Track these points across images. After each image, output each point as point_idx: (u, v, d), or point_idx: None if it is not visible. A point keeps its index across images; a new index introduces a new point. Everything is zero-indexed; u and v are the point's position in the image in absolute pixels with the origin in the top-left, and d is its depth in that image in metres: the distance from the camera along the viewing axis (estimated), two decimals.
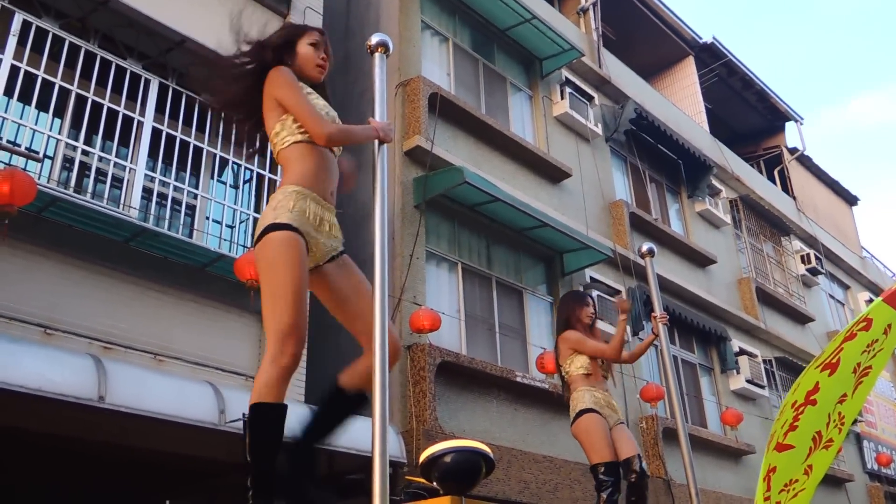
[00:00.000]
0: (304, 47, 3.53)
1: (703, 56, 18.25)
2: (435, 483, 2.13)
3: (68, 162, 6.88)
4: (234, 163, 7.90)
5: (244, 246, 7.81)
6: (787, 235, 18.40)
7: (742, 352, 14.39)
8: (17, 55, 6.43)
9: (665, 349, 5.48)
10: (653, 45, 17.48)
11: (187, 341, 7.14)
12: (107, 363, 5.93)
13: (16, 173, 5.53)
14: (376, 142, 3.14)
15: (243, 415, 3.01)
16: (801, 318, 17.19)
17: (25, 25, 6.54)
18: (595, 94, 13.51)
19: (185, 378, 6.74)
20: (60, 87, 6.65)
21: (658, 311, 5.46)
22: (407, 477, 2.89)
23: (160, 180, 7.23)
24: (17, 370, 5.31)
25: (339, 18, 11.19)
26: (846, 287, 20.75)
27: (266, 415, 2.94)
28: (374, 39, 3.23)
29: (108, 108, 6.92)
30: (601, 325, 6.87)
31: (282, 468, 3.02)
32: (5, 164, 6.09)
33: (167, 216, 7.31)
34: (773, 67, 78.39)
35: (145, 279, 7.02)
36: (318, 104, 3.36)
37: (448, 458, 2.12)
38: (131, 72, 7.20)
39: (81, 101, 6.83)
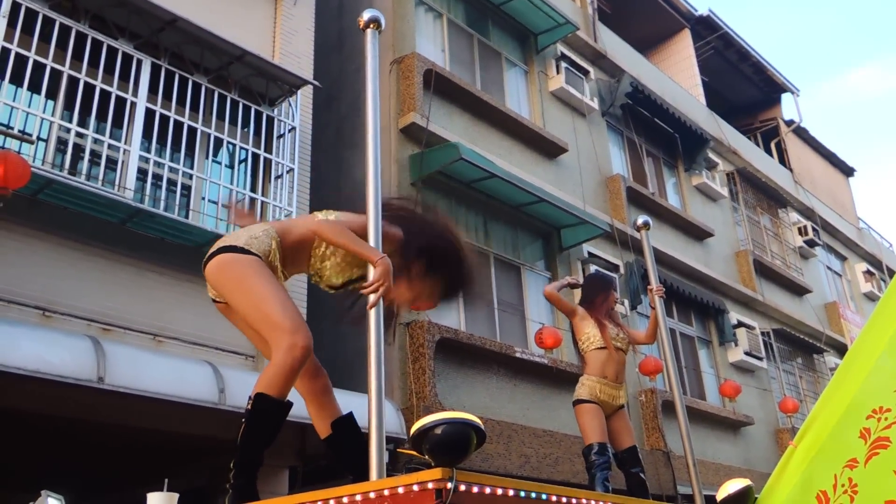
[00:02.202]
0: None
1: (699, 29, 18.15)
2: (426, 455, 2.13)
3: (62, 144, 6.85)
4: (229, 143, 7.87)
5: (241, 226, 7.79)
6: (785, 207, 18.40)
7: (740, 324, 14.44)
8: (8, 37, 6.38)
9: (662, 322, 5.48)
10: (648, 18, 17.38)
11: (186, 321, 7.15)
12: (105, 344, 5.95)
13: (9, 156, 5.51)
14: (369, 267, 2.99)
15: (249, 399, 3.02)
16: (798, 290, 17.23)
17: (15, 6, 6.49)
18: (591, 69, 13.45)
19: (184, 358, 6.77)
20: (52, 68, 6.61)
21: (654, 283, 5.46)
22: (399, 450, 2.92)
23: (155, 161, 7.21)
24: (15, 352, 5.32)
25: None
26: (843, 258, 20.78)
27: (266, 408, 2.96)
28: (367, 15, 3.21)
29: (101, 88, 6.88)
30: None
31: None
32: None
33: (163, 197, 7.29)
34: (770, 39, 78.06)
35: (143, 260, 7.02)
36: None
37: (438, 430, 2.11)
38: (123, 52, 7.15)
39: (73, 82, 6.79)
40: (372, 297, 2.86)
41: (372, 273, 2.92)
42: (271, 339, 3.02)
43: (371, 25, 3.19)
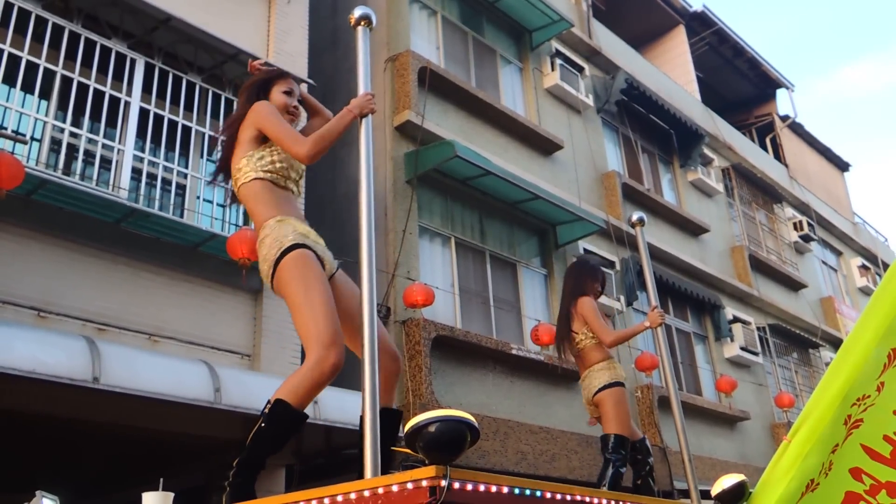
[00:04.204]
0: (277, 94, 3.62)
1: (694, 25, 18.16)
2: (420, 453, 2.13)
3: (56, 144, 6.83)
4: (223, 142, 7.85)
5: (236, 225, 7.79)
6: (780, 203, 18.43)
7: (736, 319, 14.46)
8: (0, 37, 6.37)
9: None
10: (643, 14, 17.40)
11: (181, 321, 7.14)
12: (101, 344, 5.93)
13: (2, 156, 5.50)
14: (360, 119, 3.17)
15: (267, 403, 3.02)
16: (794, 285, 17.26)
17: (7, 7, 6.47)
18: (586, 66, 13.45)
19: (180, 357, 6.75)
20: (45, 68, 6.60)
21: (652, 295, 5.25)
22: (392, 448, 2.91)
23: (149, 161, 7.20)
24: (10, 353, 5.31)
25: None
26: (839, 253, 20.81)
27: (285, 416, 2.97)
28: (357, 13, 3.20)
29: (95, 88, 6.87)
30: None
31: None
32: None
33: (158, 196, 7.28)
34: (765, 35, 78.12)
35: (138, 260, 7.01)
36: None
37: (432, 428, 2.12)
38: (116, 51, 7.14)
39: (67, 82, 6.78)
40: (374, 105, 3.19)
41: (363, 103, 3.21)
42: (305, 347, 3.07)
43: (362, 23, 3.19)
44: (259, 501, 2.73)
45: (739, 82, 20.27)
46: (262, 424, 2.97)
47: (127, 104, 7.14)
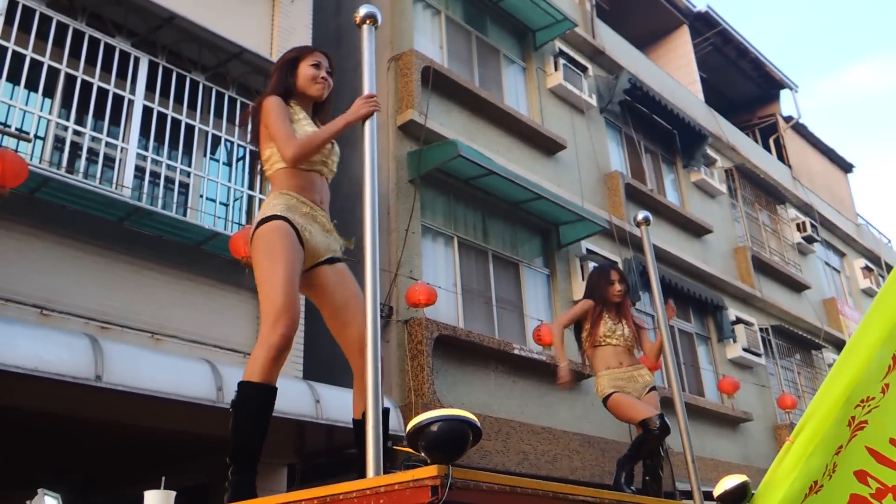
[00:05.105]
0: (305, 67, 3.62)
1: (698, 25, 18.14)
2: (422, 452, 2.13)
3: (60, 142, 6.84)
4: (227, 140, 7.87)
5: (239, 223, 7.80)
6: (783, 204, 18.40)
7: (738, 320, 14.43)
8: (5, 35, 6.37)
9: (661, 319, 5.44)
10: (647, 14, 17.38)
11: (184, 319, 7.15)
12: (103, 343, 5.94)
13: (6, 154, 5.50)
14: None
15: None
16: (797, 286, 17.23)
17: (12, 4, 6.48)
18: (589, 65, 13.43)
19: (183, 356, 6.76)
20: (49, 66, 6.60)
21: (656, 286, 5.29)
22: (395, 447, 2.92)
23: (153, 159, 7.20)
24: (13, 351, 5.32)
25: None
26: (842, 254, 20.78)
27: (249, 394, 3.06)
28: (363, 11, 3.19)
29: (99, 86, 6.88)
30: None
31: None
32: None
33: (161, 195, 7.28)
34: (768, 36, 78.08)
35: (141, 258, 7.02)
36: (305, 130, 3.44)
37: (434, 427, 2.12)
38: (120, 50, 7.14)
39: (71, 80, 6.78)
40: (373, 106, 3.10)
41: (357, 108, 3.14)
42: (261, 320, 3.13)
43: (367, 21, 3.17)
44: (261, 500, 2.72)
45: (743, 83, 20.24)
46: (233, 410, 3.06)
47: (130, 102, 7.15)
